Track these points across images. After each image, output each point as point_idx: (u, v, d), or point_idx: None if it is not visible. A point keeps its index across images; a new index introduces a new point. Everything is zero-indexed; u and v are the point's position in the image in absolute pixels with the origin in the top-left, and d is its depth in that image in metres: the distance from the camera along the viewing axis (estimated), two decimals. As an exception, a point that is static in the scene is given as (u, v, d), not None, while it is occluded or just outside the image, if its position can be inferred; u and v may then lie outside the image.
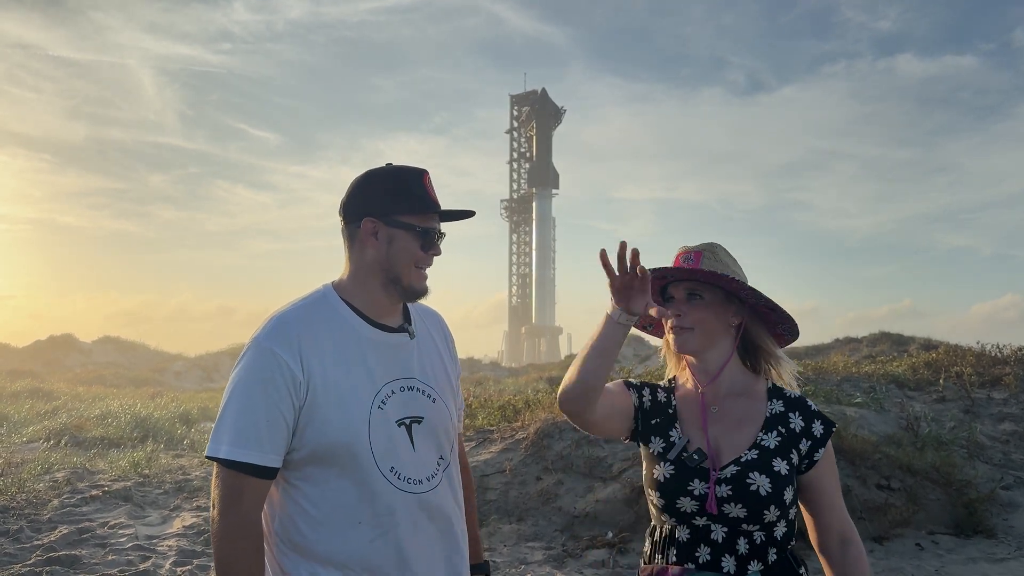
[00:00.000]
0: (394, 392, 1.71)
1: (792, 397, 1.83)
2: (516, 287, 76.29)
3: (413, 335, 1.79)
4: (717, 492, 1.69)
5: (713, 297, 1.79)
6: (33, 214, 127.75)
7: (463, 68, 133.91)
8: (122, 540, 5.73)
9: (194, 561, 5.28)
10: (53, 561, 5.11)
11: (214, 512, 1.59)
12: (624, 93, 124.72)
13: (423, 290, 1.75)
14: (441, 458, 1.77)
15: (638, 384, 1.89)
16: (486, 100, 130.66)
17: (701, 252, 1.81)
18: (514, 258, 76.74)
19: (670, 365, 1.94)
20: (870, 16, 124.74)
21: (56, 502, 6.80)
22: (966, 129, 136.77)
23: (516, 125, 75.31)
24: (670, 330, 1.83)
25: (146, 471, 8.27)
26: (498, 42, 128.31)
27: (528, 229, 74.49)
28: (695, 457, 1.74)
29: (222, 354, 32.59)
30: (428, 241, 1.72)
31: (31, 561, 5.11)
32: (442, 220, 1.78)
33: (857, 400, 8.11)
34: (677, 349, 1.82)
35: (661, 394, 1.89)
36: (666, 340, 1.87)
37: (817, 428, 1.79)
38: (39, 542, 5.59)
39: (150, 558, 5.32)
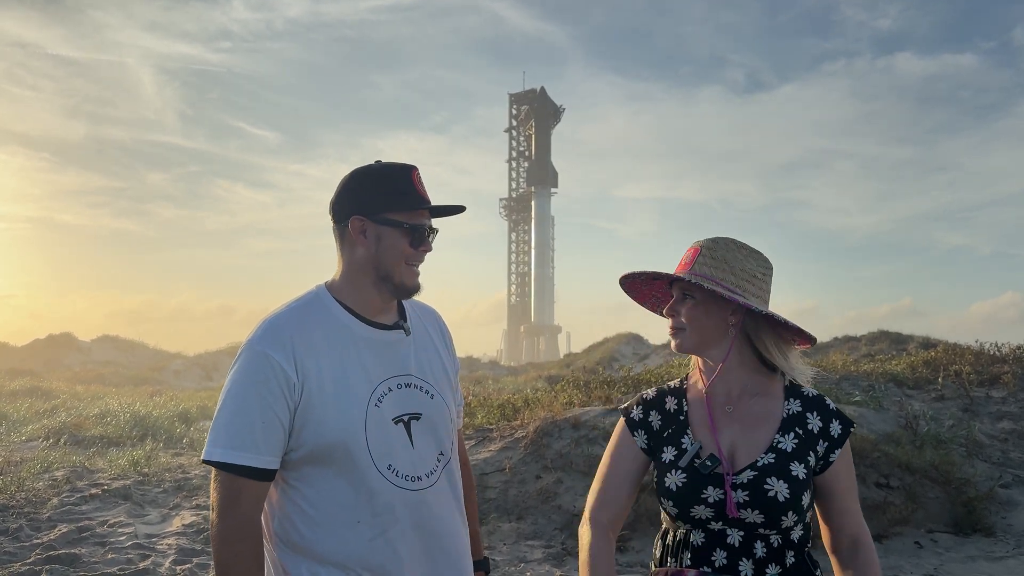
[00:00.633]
0: (391, 390, 1.70)
1: (810, 396, 1.78)
2: (515, 286, 76.29)
3: (409, 332, 1.77)
4: (734, 497, 1.66)
5: (705, 296, 1.76)
6: (32, 213, 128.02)
7: (462, 67, 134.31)
8: (121, 539, 5.74)
9: (194, 560, 5.28)
10: (53, 559, 5.11)
11: (213, 515, 1.59)
12: (623, 92, 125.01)
13: (415, 287, 1.74)
14: (441, 454, 1.76)
15: (640, 415, 1.83)
16: (485, 98, 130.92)
17: (699, 250, 1.78)
18: (513, 257, 76.75)
19: (691, 363, 1.92)
20: (870, 14, 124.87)
21: (55, 501, 6.80)
22: (966, 128, 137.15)
23: (515, 124, 75.25)
24: (669, 330, 1.82)
25: (145, 470, 8.27)
26: (497, 41, 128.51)
27: (527, 228, 74.47)
28: (708, 463, 1.69)
29: (221, 353, 32.58)
30: (418, 237, 1.70)
31: (31, 559, 5.11)
32: (433, 216, 1.75)
33: (856, 399, 8.12)
34: (674, 348, 1.81)
35: (670, 401, 1.84)
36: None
37: (835, 428, 1.74)
38: (39, 540, 5.59)
39: (149, 556, 5.32)
